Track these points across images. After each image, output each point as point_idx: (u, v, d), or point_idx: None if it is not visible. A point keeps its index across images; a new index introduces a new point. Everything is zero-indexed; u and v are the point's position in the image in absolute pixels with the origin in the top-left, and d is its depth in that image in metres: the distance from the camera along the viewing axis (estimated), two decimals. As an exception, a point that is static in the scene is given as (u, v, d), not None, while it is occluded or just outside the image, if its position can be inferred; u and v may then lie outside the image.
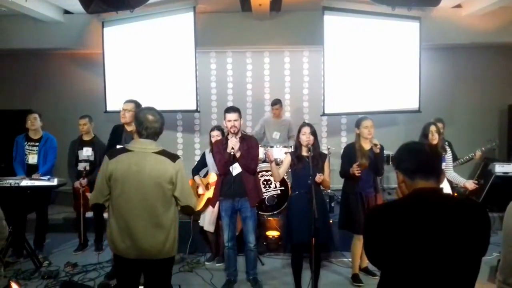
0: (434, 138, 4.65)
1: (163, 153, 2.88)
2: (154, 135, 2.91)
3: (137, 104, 4.66)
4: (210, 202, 5.00)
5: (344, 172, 4.44)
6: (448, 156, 4.85)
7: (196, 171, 5.36)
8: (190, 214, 3.09)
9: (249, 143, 4.41)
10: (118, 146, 4.56)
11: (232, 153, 4.21)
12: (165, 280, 3.03)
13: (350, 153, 4.46)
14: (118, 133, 4.75)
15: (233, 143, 4.23)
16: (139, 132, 2.90)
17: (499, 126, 7.92)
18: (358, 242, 4.54)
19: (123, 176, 2.78)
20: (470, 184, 4.78)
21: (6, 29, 7.20)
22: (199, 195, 5.31)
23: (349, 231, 4.63)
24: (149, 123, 2.87)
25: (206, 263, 5.25)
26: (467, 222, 1.78)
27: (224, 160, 4.31)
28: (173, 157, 2.90)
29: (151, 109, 2.96)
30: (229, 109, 4.36)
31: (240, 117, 4.35)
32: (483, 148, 5.23)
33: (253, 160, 4.40)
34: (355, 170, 4.20)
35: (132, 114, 4.55)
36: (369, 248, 1.91)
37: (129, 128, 4.65)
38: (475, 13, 6.89)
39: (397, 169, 1.98)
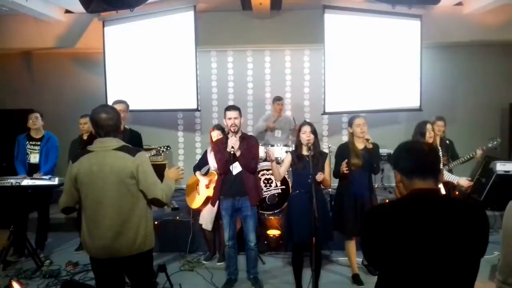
0: (430, 137, 4.64)
1: (123, 148, 2.82)
2: (112, 132, 2.85)
3: (127, 105, 4.68)
4: (209, 200, 5.02)
5: (337, 172, 4.39)
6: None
7: (197, 167, 5.39)
8: (160, 206, 2.98)
9: (249, 142, 4.41)
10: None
11: (232, 152, 4.21)
12: (144, 275, 2.98)
13: (343, 153, 4.41)
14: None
15: (233, 142, 4.23)
16: (98, 133, 2.87)
17: (500, 124, 7.91)
18: (350, 244, 4.54)
19: (86, 177, 2.76)
20: (464, 182, 4.73)
21: (7, 29, 7.21)
22: (198, 194, 5.31)
23: (340, 233, 4.58)
24: (103, 122, 2.82)
25: (204, 261, 5.25)
26: (464, 223, 1.77)
27: (224, 159, 4.31)
28: (133, 152, 2.83)
29: (103, 107, 2.91)
30: (229, 107, 4.37)
31: (240, 115, 4.35)
32: (484, 147, 5.21)
33: (253, 159, 4.39)
34: (344, 168, 4.18)
35: (125, 115, 4.57)
36: (367, 248, 1.90)
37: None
38: (476, 11, 6.88)
39: (395, 168, 1.97)
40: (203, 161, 5.40)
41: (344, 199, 4.46)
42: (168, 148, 5.43)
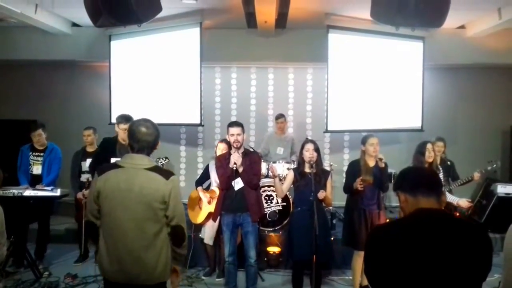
0: (430, 156, 4.68)
1: (155, 169, 2.64)
2: (146, 149, 2.68)
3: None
4: (211, 215, 5.03)
5: (348, 187, 4.45)
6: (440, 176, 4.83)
7: (199, 183, 5.39)
8: (179, 237, 2.67)
9: (252, 158, 4.43)
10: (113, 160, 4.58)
11: (234, 168, 4.24)
12: None
13: (354, 170, 4.48)
14: (111, 146, 4.70)
15: (236, 158, 4.25)
16: (131, 146, 2.69)
17: (501, 147, 7.92)
18: (359, 259, 4.52)
19: (111, 194, 2.57)
20: (464, 203, 4.77)
21: (15, 41, 7.29)
22: (200, 209, 5.32)
23: (352, 248, 4.62)
24: (141, 136, 2.66)
25: (203, 277, 5.23)
26: (468, 243, 1.78)
27: (226, 175, 4.33)
28: (167, 174, 2.64)
29: (146, 121, 2.75)
30: (232, 124, 4.40)
31: (243, 131, 4.38)
32: (482, 170, 5.23)
33: (255, 175, 4.41)
34: (358, 184, 4.22)
35: None
36: (369, 267, 1.91)
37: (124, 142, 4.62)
38: (479, 34, 6.95)
39: (398, 190, 2.00)
40: (205, 176, 5.41)
41: (354, 213, 4.48)
42: (167, 160, 5.39)
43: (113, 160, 4.47)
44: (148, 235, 2.57)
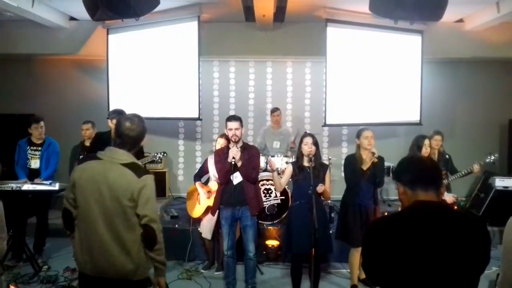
0: (426, 152, 4.70)
1: (131, 166, 2.56)
2: (128, 144, 2.63)
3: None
4: (209, 209, 5.04)
5: (352, 176, 4.41)
6: None
7: (197, 177, 5.40)
8: (150, 238, 2.55)
9: (250, 152, 4.43)
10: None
11: (233, 162, 4.24)
12: None
13: (352, 163, 4.47)
14: (105, 140, 4.65)
15: (234, 153, 4.25)
16: (114, 139, 2.69)
17: (499, 140, 7.95)
18: (356, 253, 4.53)
19: (85, 185, 2.55)
20: (449, 198, 4.86)
21: (12, 34, 7.25)
22: (199, 203, 5.32)
23: (345, 243, 4.64)
24: (123, 130, 2.62)
25: (202, 270, 5.25)
26: (467, 236, 1.79)
27: (225, 170, 4.33)
28: (140, 172, 2.56)
29: (134, 116, 2.69)
30: (231, 118, 4.39)
31: (242, 126, 4.37)
32: (481, 162, 5.25)
33: (254, 169, 4.42)
34: (372, 156, 4.27)
35: None
36: (367, 261, 1.91)
37: None
38: (477, 28, 6.95)
39: (398, 181, 2.00)
40: (203, 170, 5.41)
41: (348, 209, 4.49)
42: (165, 155, 5.37)
43: None
44: (117, 231, 2.53)
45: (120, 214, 2.52)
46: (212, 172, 5.19)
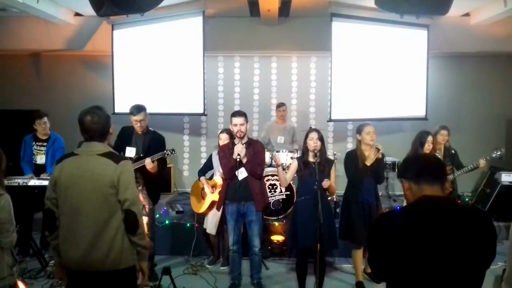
0: (429, 149, 4.67)
1: (107, 155, 2.65)
2: (96, 137, 2.68)
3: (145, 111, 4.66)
4: (214, 205, 5.05)
5: (356, 172, 4.39)
6: None
7: (202, 172, 5.39)
8: (131, 222, 2.61)
9: (255, 148, 4.43)
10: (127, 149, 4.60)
11: (238, 159, 4.24)
12: None
13: (354, 159, 4.45)
14: (127, 135, 4.72)
15: (239, 149, 4.25)
16: (83, 136, 2.72)
17: (505, 135, 7.90)
18: (358, 252, 4.56)
19: (65, 181, 2.60)
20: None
21: (18, 30, 7.27)
22: (203, 198, 5.33)
23: (349, 241, 4.63)
24: (87, 125, 2.66)
25: (208, 266, 5.27)
26: (472, 231, 1.79)
27: (230, 166, 4.34)
28: (117, 159, 2.65)
29: (91, 109, 2.72)
30: (235, 113, 4.38)
31: (247, 121, 4.37)
32: (488, 157, 5.23)
33: (259, 165, 4.42)
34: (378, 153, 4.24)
35: (146, 122, 4.61)
36: (373, 256, 1.91)
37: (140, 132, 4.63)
38: (484, 22, 6.89)
39: (402, 177, 2.00)
40: (208, 165, 5.42)
41: (351, 207, 4.47)
42: (173, 152, 5.37)
43: (127, 149, 4.58)
44: (100, 222, 2.57)
45: (103, 203, 2.57)
46: (217, 167, 5.20)
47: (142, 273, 2.77)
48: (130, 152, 4.98)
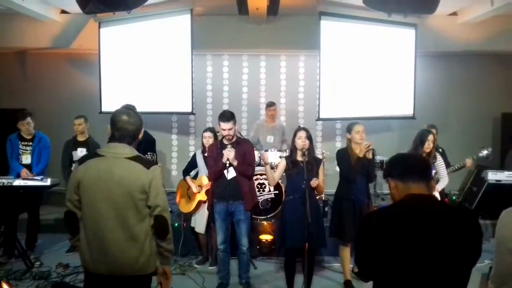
0: (429, 147, 4.65)
1: (137, 159, 2.56)
2: (127, 137, 2.60)
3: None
4: (201, 204, 5.04)
5: (350, 169, 4.37)
6: (439, 163, 4.80)
7: (186, 172, 5.35)
8: (162, 228, 2.59)
9: (245, 148, 4.40)
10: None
11: (227, 164, 4.22)
12: None
13: (345, 157, 4.46)
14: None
15: (228, 153, 4.21)
16: (113, 135, 2.63)
17: (492, 133, 7.97)
18: (346, 250, 4.57)
19: (91, 184, 2.51)
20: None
21: (2, 28, 7.16)
22: (190, 198, 5.29)
23: (338, 239, 4.64)
24: (122, 124, 2.58)
25: (196, 265, 5.24)
26: (458, 230, 1.79)
27: (218, 169, 4.31)
28: (148, 164, 2.57)
29: (129, 109, 2.67)
30: (223, 118, 4.26)
31: (235, 123, 4.31)
32: (474, 157, 5.27)
33: (250, 165, 4.40)
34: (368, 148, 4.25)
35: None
36: (360, 255, 1.91)
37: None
38: (470, 21, 6.94)
39: (388, 176, 2.00)
40: (192, 165, 5.37)
41: (342, 204, 4.48)
42: (153, 156, 5.30)
43: None
44: (129, 226, 2.51)
45: (132, 208, 2.51)
46: (201, 166, 5.17)
47: (166, 276, 2.71)
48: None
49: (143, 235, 2.55)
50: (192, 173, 5.42)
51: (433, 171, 4.65)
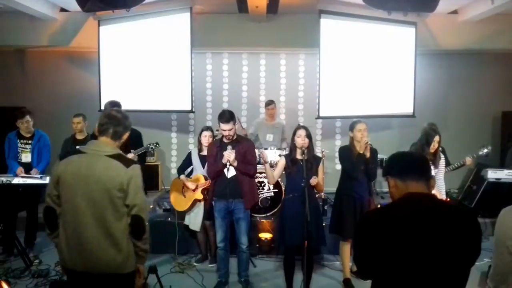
0: (434, 148, 4.65)
1: (117, 157, 2.59)
2: (112, 135, 2.65)
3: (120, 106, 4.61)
4: (196, 202, 5.07)
5: (352, 165, 4.41)
6: (441, 162, 4.82)
7: (182, 170, 5.31)
8: (139, 228, 2.58)
9: (245, 146, 4.39)
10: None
11: (228, 165, 4.21)
12: None
13: (347, 153, 4.49)
14: None
15: (228, 155, 4.19)
16: (98, 131, 2.67)
17: (492, 132, 7.96)
18: (346, 246, 4.57)
19: (71, 180, 2.53)
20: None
21: (2, 26, 7.13)
22: (184, 196, 5.26)
23: (338, 235, 4.65)
24: (108, 120, 2.66)
25: (195, 263, 5.24)
26: (457, 229, 1.79)
27: (217, 169, 4.30)
28: (128, 162, 2.60)
29: (117, 111, 2.76)
30: (223, 120, 4.24)
31: (235, 123, 4.31)
32: (474, 155, 5.26)
33: (251, 164, 4.38)
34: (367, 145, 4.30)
35: None
36: (359, 254, 1.91)
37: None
38: (471, 20, 6.92)
39: (387, 175, 1.99)
40: (187, 163, 5.33)
41: (343, 200, 4.51)
42: (157, 145, 5.28)
43: None
44: (107, 224, 2.52)
45: (110, 206, 2.51)
46: (197, 165, 5.16)
47: (139, 275, 2.73)
48: None
49: (121, 234, 2.55)
50: (186, 171, 5.40)
51: (435, 170, 4.65)
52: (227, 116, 4.25)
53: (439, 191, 4.67)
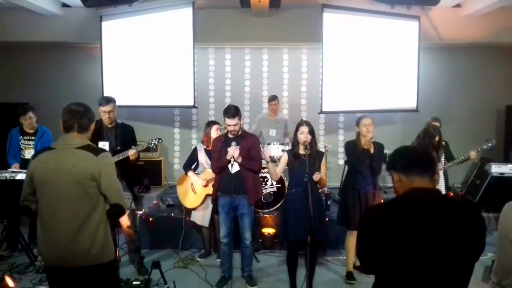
0: (436, 142, 4.66)
1: (86, 147, 2.61)
2: (78, 129, 2.66)
3: (114, 102, 4.62)
4: (206, 198, 5.05)
5: (357, 160, 4.48)
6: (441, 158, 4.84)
7: (188, 166, 5.29)
8: (119, 215, 2.70)
9: (250, 141, 4.39)
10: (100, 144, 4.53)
11: (232, 161, 4.20)
12: None
13: (352, 147, 4.55)
14: (96, 129, 4.62)
15: (233, 151, 4.19)
16: (64, 128, 2.68)
17: (496, 126, 7.92)
18: (352, 238, 4.58)
19: (42, 176, 2.56)
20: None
21: (4, 22, 7.15)
22: (194, 192, 5.26)
23: (345, 227, 4.69)
24: (72, 107, 2.69)
25: (199, 259, 5.26)
26: (461, 224, 1.78)
27: (221, 165, 4.30)
28: (97, 151, 2.62)
29: (77, 103, 2.76)
30: (229, 114, 4.23)
31: (240, 118, 4.31)
32: (478, 149, 5.24)
33: (256, 160, 4.38)
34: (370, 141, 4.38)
35: (114, 114, 4.57)
36: (362, 248, 1.90)
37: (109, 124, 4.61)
38: (475, 13, 6.88)
39: (391, 169, 1.98)
40: (193, 159, 5.32)
41: (348, 193, 4.58)
42: (160, 141, 5.27)
43: (100, 144, 4.45)
44: (81, 215, 2.55)
45: (83, 197, 2.55)
46: (203, 161, 5.15)
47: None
48: (103, 146, 4.91)
49: (95, 225, 2.58)
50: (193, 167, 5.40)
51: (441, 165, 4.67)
52: (232, 111, 4.25)
53: (438, 187, 4.66)
